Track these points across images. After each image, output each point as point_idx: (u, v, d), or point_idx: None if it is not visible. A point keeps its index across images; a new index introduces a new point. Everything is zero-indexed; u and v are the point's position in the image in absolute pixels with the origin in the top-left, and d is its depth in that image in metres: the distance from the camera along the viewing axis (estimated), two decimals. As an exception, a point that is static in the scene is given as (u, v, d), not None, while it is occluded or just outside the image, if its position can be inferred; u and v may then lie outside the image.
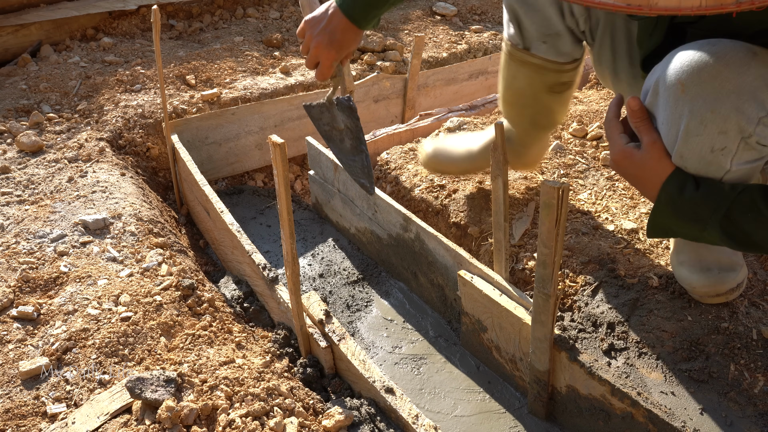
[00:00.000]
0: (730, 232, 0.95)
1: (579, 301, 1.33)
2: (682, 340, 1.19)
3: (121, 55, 2.72)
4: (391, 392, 1.08)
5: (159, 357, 1.17)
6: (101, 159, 1.92)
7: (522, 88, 1.43)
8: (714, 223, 0.95)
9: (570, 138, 1.85)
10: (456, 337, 1.48)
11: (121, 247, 1.50)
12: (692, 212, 0.97)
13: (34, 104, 2.26)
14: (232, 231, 1.51)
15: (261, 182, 2.29)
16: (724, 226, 0.94)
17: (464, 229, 1.58)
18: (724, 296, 1.19)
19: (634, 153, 1.02)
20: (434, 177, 1.74)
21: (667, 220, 1.01)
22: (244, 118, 2.18)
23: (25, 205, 1.66)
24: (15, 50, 2.72)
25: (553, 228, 0.94)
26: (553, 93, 1.42)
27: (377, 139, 1.98)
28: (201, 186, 1.69)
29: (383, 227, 1.65)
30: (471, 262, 1.31)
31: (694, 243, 1.23)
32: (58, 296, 1.32)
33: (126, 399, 1.05)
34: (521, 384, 1.29)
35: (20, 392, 1.10)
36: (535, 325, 1.09)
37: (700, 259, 1.20)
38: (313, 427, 1.04)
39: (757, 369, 1.11)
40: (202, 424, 1.01)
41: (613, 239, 1.41)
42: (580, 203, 1.54)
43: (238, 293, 1.50)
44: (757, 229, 0.93)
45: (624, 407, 1.06)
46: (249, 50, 2.80)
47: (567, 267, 1.37)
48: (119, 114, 2.19)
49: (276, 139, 0.98)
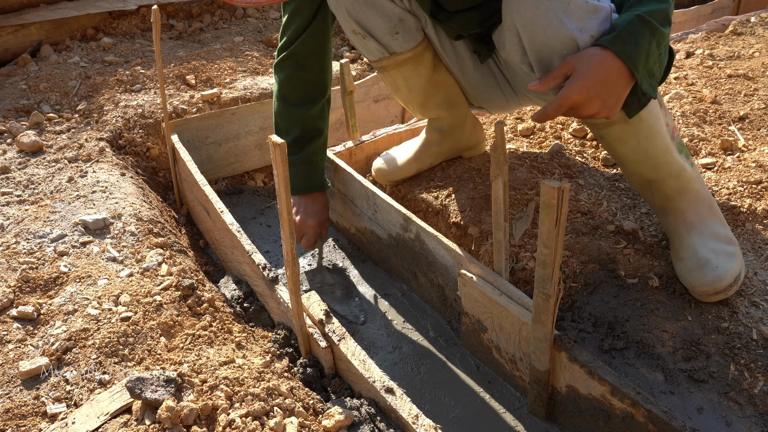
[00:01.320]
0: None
1: (579, 301, 1.33)
2: (682, 340, 1.19)
3: (121, 55, 2.72)
4: (391, 392, 1.08)
5: (159, 357, 1.17)
6: (101, 159, 1.92)
7: (416, 85, 1.52)
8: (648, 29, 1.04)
9: (570, 138, 1.85)
10: (456, 337, 1.48)
11: (121, 247, 1.50)
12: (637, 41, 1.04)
13: (34, 104, 2.26)
14: (232, 231, 1.51)
15: (261, 182, 2.29)
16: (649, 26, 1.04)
17: (464, 229, 1.58)
18: (723, 293, 1.20)
19: (574, 87, 1.04)
20: (434, 177, 1.75)
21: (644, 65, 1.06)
22: (244, 118, 2.18)
23: (25, 205, 1.66)
24: (15, 50, 2.72)
25: (553, 228, 0.94)
26: (441, 70, 1.52)
27: (377, 139, 1.98)
28: (201, 186, 1.69)
29: (383, 227, 1.65)
30: (471, 262, 1.31)
31: (687, 237, 1.26)
32: (58, 296, 1.32)
33: (126, 399, 1.05)
34: (521, 384, 1.29)
35: (20, 392, 1.10)
36: (535, 325, 1.09)
37: (696, 251, 1.24)
38: (313, 427, 1.04)
39: (757, 369, 1.11)
40: (202, 424, 1.01)
41: (613, 239, 1.41)
42: (580, 203, 1.54)
43: (238, 293, 1.50)
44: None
45: (624, 407, 1.06)
46: (249, 50, 2.80)
47: (567, 267, 1.37)
48: (119, 114, 2.19)
49: (276, 139, 0.97)
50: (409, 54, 1.43)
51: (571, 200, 1.54)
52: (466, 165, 1.75)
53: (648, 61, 1.06)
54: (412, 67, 1.46)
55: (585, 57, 1.04)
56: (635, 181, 1.33)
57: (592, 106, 1.05)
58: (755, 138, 1.72)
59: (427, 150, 1.71)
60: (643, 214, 1.49)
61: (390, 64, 1.45)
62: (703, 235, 1.26)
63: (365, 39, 1.41)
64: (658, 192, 1.30)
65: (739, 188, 1.51)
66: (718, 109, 1.87)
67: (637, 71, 1.04)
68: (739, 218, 1.42)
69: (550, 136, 1.88)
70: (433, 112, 1.61)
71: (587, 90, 1.03)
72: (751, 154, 1.64)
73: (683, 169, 1.28)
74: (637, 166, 1.28)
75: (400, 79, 1.49)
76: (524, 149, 1.84)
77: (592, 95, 1.04)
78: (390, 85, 1.55)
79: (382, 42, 1.41)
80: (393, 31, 1.38)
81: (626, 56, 1.03)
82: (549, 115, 1.08)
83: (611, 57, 1.03)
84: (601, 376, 1.08)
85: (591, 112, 1.06)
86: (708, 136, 1.74)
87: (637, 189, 1.35)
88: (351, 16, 1.36)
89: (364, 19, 1.36)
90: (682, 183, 1.28)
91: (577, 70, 1.04)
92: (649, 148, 1.23)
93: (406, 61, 1.44)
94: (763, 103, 1.87)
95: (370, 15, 1.35)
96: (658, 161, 1.25)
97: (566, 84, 1.05)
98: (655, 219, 1.46)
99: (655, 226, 1.44)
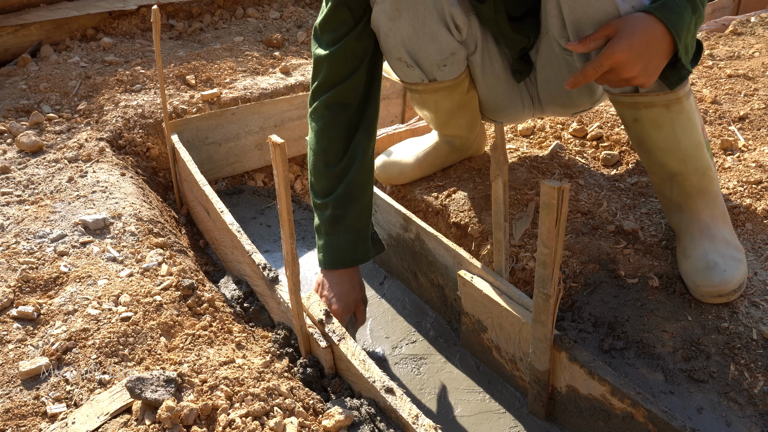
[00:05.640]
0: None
1: (579, 301, 1.33)
2: (682, 340, 1.19)
3: (121, 55, 2.72)
4: (391, 392, 1.08)
5: (159, 357, 1.17)
6: (101, 159, 1.92)
7: (444, 107, 1.47)
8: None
9: (570, 138, 1.85)
10: (456, 337, 1.48)
11: (121, 247, 1.50)
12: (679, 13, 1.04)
13: (34, 104, 2.26)
14: (232, 231, 1.51)
15: (261, 182, 2.29)
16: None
17: (464, 229, 1.58)
18: (726, 297, 1.20)
19: (618, 45, 1.03)
20: (434, 177, 1.75)
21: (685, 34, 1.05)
22: (244, 118, 2.18)
23: (25, 205, 1.66)
24: (15, 50, 2.72)
25: (553, 228, 0.94)
26: (471, 94, 1.48)
27: (377, 138, 1.98)
28: (201, 186, 1.69)
29: (383, 227, 1.65)
30: (471, 262, 1.31)
31: (699, 238, 1.25)
32: (58, 296, 1.32)
33: (126, 399, 1.05)
34: (521, 384, 1.29)
35: (20, 392, 1.10)
36: (535, 325, 1.09)
37: (706, 253, 1.23)
38: (313, 427, 1.04)
39: (757, 369, 1.11)
40: (202, 424, 1.01)
41: (613, 239, 1.41)
42: (580, 203, 1.54)
43: (238, 293, 1.50)
44: None
45: (624, 407, 1.06)
46: (249, 50, 2.80)
47: (567, 267, 1.37)
48: (119, 114, 2.19)
49: (276, 139, 0.97)
50: (449, 83, 1.38)
51: (571, 200, 1.54)
52: (466, 165, 1.75)
53: (687, 35, 1.05)
54: (446, 93, 1.42)
55: (629, 19, 1.03)
56: (657, 172, 1.31)
57: (633, 68, 1.03)
58: (755, 138, 1.72)
59: (434, 160, 1.71)
60: (643, 214, 1.49)
61: (426, 89, 1.40)
62: (715, 238, 1.25)
63: (410, 68, 1.33)
64: (679, 187, 1.29)
65: (739, 188, 1.51)
66: (718, 109, 1.87)
67: (680, 41, 1.03)
68: (739, 218, 1.42)
69: (550, 136, 1.88)
70: (453, 131, 1.60)
71: (630, 50, 1.01)
72: (751, 154, 1.64)
73: (708, 168, 1.27)
74: (665, 155, 1.26)
75: (431, 101, 1.45)
76: (524, 149, 1.84)
77: (634, 56, 1.02)
78: (417, 103, 1.50)
79: (426, 71, 1.34)
80: (442, 64, 1.32)
81: (671, 24, 1.02)
82: (588, 74, 1.05)
83: (656, 22, 1.02)
84: (601, 376, 1.08)
85: (631, 74, 1.04)
86: (708, 136, 1.74)
87: (655, 182, 1.33)
88: (404, 46, 1.28)
89: (416, 50, 1.28)
90: (705, 182, 1.28)
91: (621, 30, 1.02)
92: (683, 139, 1.22)
93: (444, 88, 1.40)
94: (763, 103, 1.87)
95: (425, 46, 1.28)
96: (688, 154, 1.24)
97: (609, 42, 1.03)
98: (655, 219, 1.46)
99: (655, 226, 1.44)
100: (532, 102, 1.49)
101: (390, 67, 1.40)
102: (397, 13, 1.23)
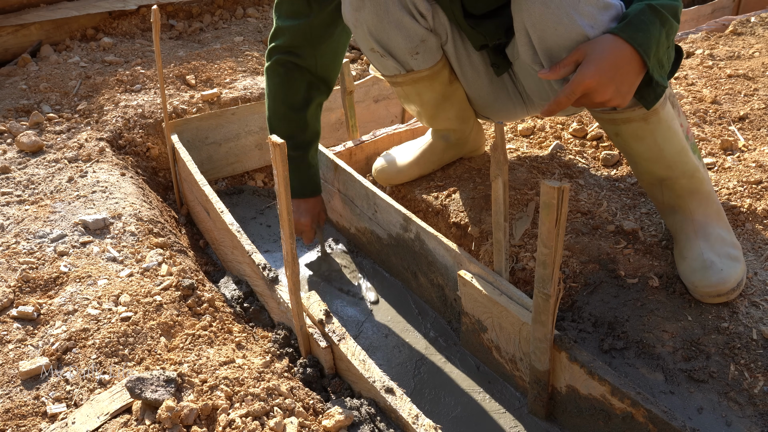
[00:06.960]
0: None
1: (579, 301, 1.33)
2: (682, 340, 1.19)
3: (121, 55, 2.72)
4: (391, 392, 1.08)
5: (159, 357, 1.17)
6: (101, 159, 1.92)
7: (429, 100, 1.49)
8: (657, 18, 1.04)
9: (570, 138, 1.85)
10: (456, 337, 1.48)
11: (121, 247, 1.50)
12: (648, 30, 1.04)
13: (34, 104, 2.26)
14: (232, 231, 1.51)
15: (261, 182, 2.29)
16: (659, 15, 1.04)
17: (464, 229, 1.58)
18: (725, 296, 1.20)
19: (587, 71, 1.03)
20: (434, 177, 1.75)
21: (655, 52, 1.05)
22: (244, 118, 2.18)
23: (25, 205, 1.66)
24: (15, 50, 2.72)
25: (553, 228, 0.94)
26: (456, 85, 1.49)
27: (377, 139, 1.98)
28: (201, 186, 1.69)
29: (383, 227, 1.65)
30: (471, 262, 1.31)
31: (694, 238, 1.25)
32: (58, 296, 1.32)
33: (126, 399, 1.05)
34: (521, 384, 1.29)
35: (20, 392, 1.10)
36: (535, 325, 1.09)
37: (702, 253, 1.23)
38: (313, 427, 1.04)
39: (757, 369, 1.11)
40: (202, 424, 1.01)
41: (613, 239, 1.41)
42: (580, 203, 1.54)
43: (238, 293, 1.50)
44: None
45: (624, 407, 1.06)
46: (249, 50, 2.80)
47: (567, 267, 1.37)
48: (119, 114, 2.19)
49: (276, 139, 0.97)
50: (427, 72, 1.40)
51: (571, 200, 1.54)
52: (466, 165, 1.75)
53: (658, 50, 1.05)
54: (427, 84, 1.43)
55: (596, 43, 1.03)
56: (646, 179, 1.32)
57: (605, 91, 1.04)
58: (755, 138, 1.72)
59: (430, 157, 1.72)
60: (643, 214, 1.49)
61: (406, 80, 1.42)
62: (710, 237, 1.26)
63: (383, 57, 1.37)
64: (669, 190, 1.30)
65: (739, 188, 1.51)
66: (718, 109, 1.87)
67: (648, 58, 1.03)
68: (739, 218, 1.42)
69: (550, 136, 1.88)
70: (443, 124, 1.61)
71: (600, 74, 1.02)
72: (751, 154, 1.64)
73: (696, 170, 1.27)
74: (650, 164, 1.27)
75: (414, 93, 1.47)
76: (524, 149, 1.84)
77: (605, 80, 1.02)
78: (402, 98, 1.53)
79: (401, 60, 1.37)
80: (414, 51, 1.34)
81: (637, 43, 1.02)
82: (561, 103, 1.06)
83: (622, 43, 1.02)
84: (601, 376, 1.08)
85: (604, 98, 1.04)
86: (708, 136, 1.74)
87: (646, 187, 1.34)
88: (372, 35, 1.31)
89: (385, 38, 1.32)
90: (695, 184, 1.28)
91: (589, 55, 1.03)
92: (665, 148, 1.22)
93: (423, 78, 1.41)
94: (763, 103, 1.87)
95: (392, 35, 1.30)
96: (673, 160, 1.25)
97: (578, 69, 1.03)
98: (655, 219, 1.46)
99: (655, 226, 1.44)
100: (522, 99, 1.49)
101: (369, 61, 1.46)
102: (360, 3, 1.27)
